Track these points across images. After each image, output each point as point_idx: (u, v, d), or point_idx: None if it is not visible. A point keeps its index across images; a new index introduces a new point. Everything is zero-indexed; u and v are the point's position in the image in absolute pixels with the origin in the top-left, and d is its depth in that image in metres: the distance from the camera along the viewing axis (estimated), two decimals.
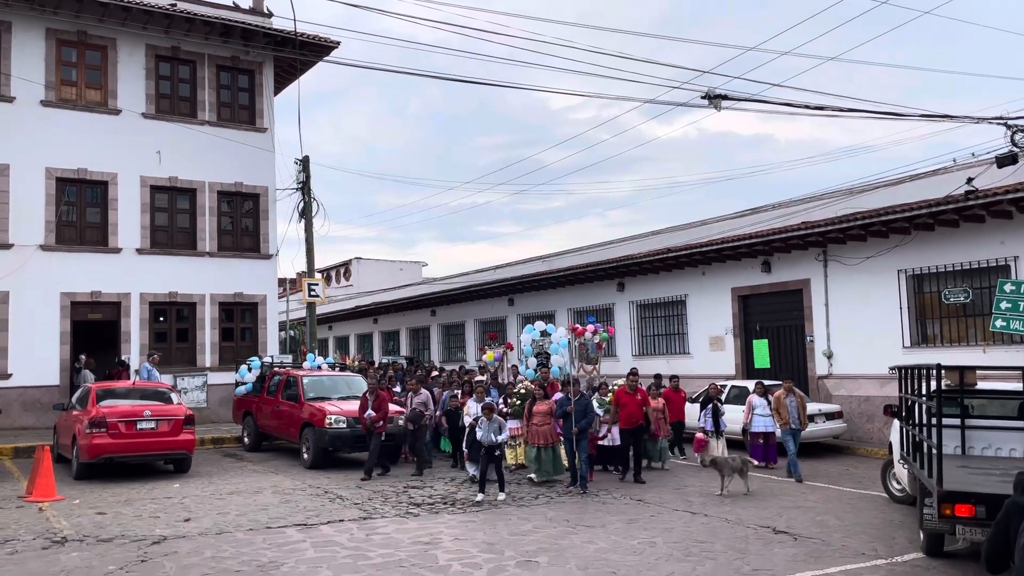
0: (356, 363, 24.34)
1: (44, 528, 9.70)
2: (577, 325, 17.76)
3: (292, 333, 27.02)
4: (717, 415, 14.65)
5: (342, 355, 30.49)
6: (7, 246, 19.73)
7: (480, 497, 11.36)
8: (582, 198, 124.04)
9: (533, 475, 12.99)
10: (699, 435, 14.63)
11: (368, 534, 9.38)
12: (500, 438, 11.80)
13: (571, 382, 13.17)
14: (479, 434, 11.90)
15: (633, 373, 14.37)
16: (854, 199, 18.06)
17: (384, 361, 27.86)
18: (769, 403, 14.30)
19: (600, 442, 13.76)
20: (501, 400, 14.85)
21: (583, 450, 12.39)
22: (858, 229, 16.96)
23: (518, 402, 14.19)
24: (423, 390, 15.09)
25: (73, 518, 10.30)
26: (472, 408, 13.49)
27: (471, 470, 13.10)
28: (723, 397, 16.16)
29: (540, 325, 15.94)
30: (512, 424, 13.76)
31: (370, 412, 13.94)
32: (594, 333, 17.35)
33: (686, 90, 16.31)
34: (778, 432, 14.07)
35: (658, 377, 16.65)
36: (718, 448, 14.31)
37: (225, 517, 10.39)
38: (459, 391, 15.61)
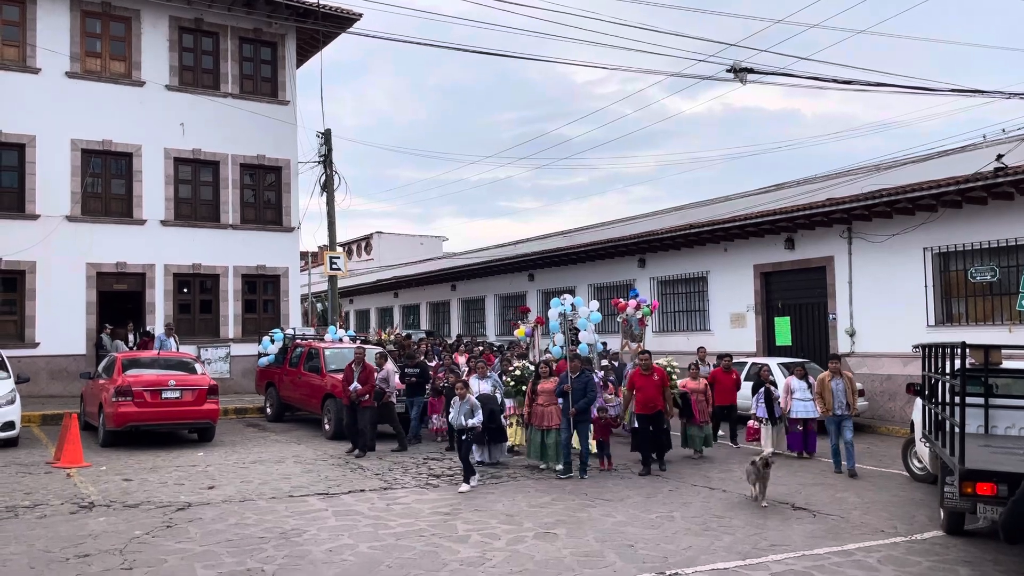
0: (392, 337, 24.00)
1: (72, 493, 9.90)
2: (620, 299, 17.08)
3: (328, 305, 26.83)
4: (770, 401, 13.41)
5: (378, 330, 30.06)
6: (34, 217, 19.98)
7: (465, 488, 10.34)
8: (604, 174, 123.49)
9: (538, 462, 11.92)
10: (751, 423, 13.65)
11: (389, 504, 9.50)
12: (472, 421, 10.63)
13: (569, 358, 11.95)
14: (451, 415, 10.91)
15: (646, 352, 12.84)
16: (880, 175, 17.82)
17: (407, 333, 27.76)
18: (810, 386, 12.97)
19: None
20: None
21: (583, 433, 11.44)
22: (884, 206, 16.74)
23: (511, 382, 13.29)
24: (387, 365, 13.86)
25: (100, 484, 10.51)
26: (474, 386, 12.40)
27: (476, 455, 11.91)
28: (743, 375, 15.71)
29: (568, 298, 14.55)
30: (508, 404, 13.13)
31: (356, 385, 13.16)
32: (636, 308, 16.36)
33: (711, 63, 16.13)
34: (818, 415, 12.61)
35: (724, 358, 15.09)
36: (772, 436, 13.28)
37: (248, 485, 10.56)
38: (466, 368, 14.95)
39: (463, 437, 10.67)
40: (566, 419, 11.45)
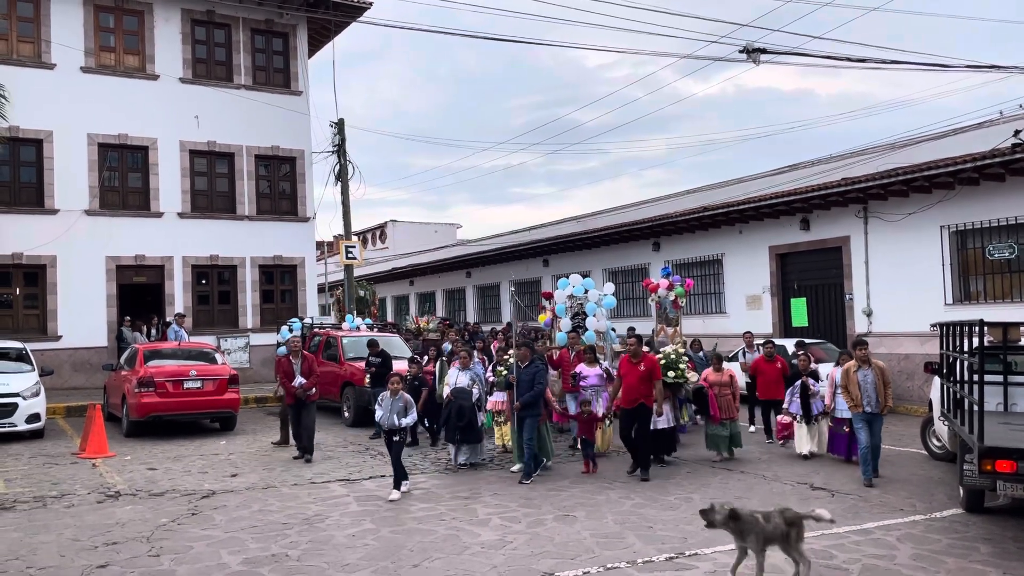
0: (428, 324, 23.73)
1: (98, 483, 10.08)
2: (651, 279, 16.28)
3: (362, 293, 26.71)
4: (807, 395, 11.54)
5: (416, 317, 29.80)
6: (53, 211, 20.19)
7: (395, 495, 9.15)
8: (617, 158, 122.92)
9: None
10: (781, 418, 12.14)
11: (409, 488, 9.59)
12: (404, 421, 9.30)
13: (515, 345, 10.83)
14: (378, 414, 9.51)
15: (634, 336, 11.51)
16: (896, 154, 17.69)
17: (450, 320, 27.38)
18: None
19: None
20: (490, 370, 12.59)
21: (528, 429, 10.14)
22: (900, 184, 16.63)
23: (504, 372, 11.68)
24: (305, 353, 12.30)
25: (125, 473, 10.68)
26: (452, 378, 11.50)
27: (453, 452, 11.21)
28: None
29: (576, 278, 13.59)
30: (497, 397, 12.04)
31: (300, 380, 11.67)
32: (669, 288, 15.03)
33: (724, 44, 15.99)
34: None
35: (767, 344, 13.43)
36: (808, 437, 11.54)
37: (270, 473, 10.70)
38: (425, 356, 14.11)
39: (395, 438, 9.38)
40: (514, 414, 10.45)
